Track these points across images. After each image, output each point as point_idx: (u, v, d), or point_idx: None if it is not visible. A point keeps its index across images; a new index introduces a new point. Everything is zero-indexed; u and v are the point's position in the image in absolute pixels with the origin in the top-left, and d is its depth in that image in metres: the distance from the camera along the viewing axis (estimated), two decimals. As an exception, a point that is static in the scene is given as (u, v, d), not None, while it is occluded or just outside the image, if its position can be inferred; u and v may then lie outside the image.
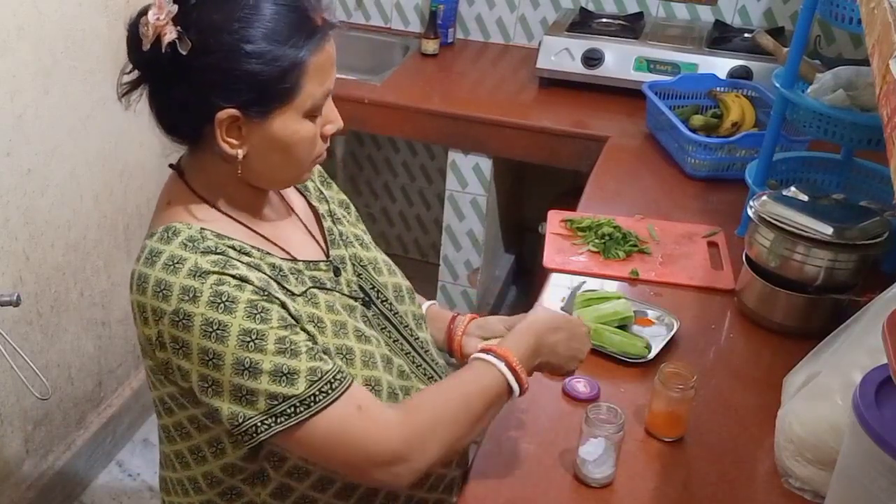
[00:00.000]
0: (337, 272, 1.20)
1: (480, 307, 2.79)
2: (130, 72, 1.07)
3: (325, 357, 1.06)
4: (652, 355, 1.48)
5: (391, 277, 1.31)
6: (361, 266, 1.25)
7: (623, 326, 1.54)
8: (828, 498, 0.97)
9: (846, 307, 1.50)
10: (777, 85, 1.74)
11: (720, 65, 2.45)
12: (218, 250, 1.04)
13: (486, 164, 2.55)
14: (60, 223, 2.14)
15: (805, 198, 1.58)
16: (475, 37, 2.98)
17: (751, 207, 1.61)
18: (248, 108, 1.02)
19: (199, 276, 1.01)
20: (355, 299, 1.20)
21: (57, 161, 2.08)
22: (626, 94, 2.50)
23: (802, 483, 1.24)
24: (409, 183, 3.27)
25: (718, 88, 2.35)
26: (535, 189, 3.06)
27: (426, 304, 1.43)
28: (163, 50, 0.99)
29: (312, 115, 1.07)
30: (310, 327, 1.08)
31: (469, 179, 2.59)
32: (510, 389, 1.13)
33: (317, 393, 1.02)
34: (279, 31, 1.02)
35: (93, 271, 2.30)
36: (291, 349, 1.02)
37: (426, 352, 1.30)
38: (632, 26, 2.65)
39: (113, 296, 2.41)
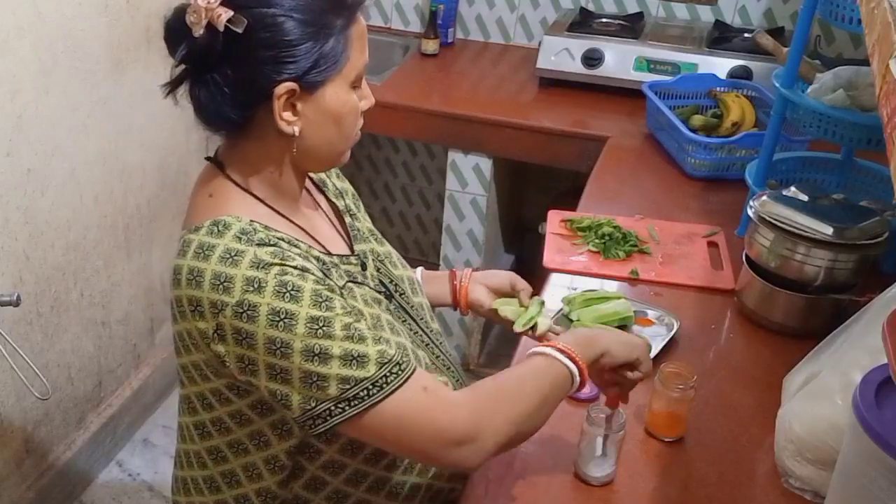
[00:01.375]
0: (364, 266, 1.21)
1: (480, 307, 2.79)
2: (177, 66, 1.06)
3: (390, 342, 1.08)
4: (652, 355, 1.48)
5: (405, 271, 1.33)
6: (379, 261, 1.27)
7: (623, 326, 1.54)
8: (828, 498, 0.97)
9: (846, 307, 1.50)
10: (777, 85, 1.74)
11: (720, 65, 2.45)
12: (272, 242, 1.05)
13: (486, 164, 2.55)
14: (60, 223, 2.14)
15: (805, 198, 1.58)
16: (475, 37, 2.98)
17: (751, 207, 1.61)
18: (304, 78, 1.03)
19: (262, 267, 1.01)
20: (379, 293, 1.22)
21: (57, 161, 2.08)
22: (626, 94, 2.51)
23: (802, 483, 1.24)
24: (409, 183, 3.27)
25: (718, 88, 2.35)
26: (535, 189, 3.06)
27: (417, 271, 1.45)
28: (220, 30, 0.99)
29: (356, 86, 1.10)
30: None
31: (469, 179, 2.59)
32: (571, 376, 1.15)
33: (387, 374, 1.02)
34: (323, 0, 1.04)
35: (93, 271, 2.30)
36: (358, 335, 1.03)
37: (440, 343, 1.33)
38: (632, 26, 2.65)
39: (113, 296, 2.41)
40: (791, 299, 1.57)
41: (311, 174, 1.25)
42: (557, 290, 1.68)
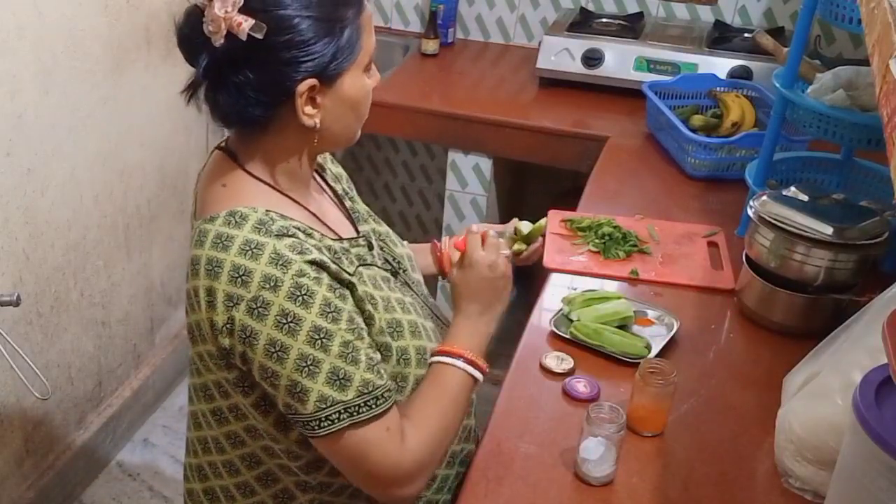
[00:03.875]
0: (370, 246, 1.23)
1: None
2: (200, 76, 1.06)
3: (381, 372, 1.08)
4: (652, 355, 1.48)
5: (404, 249, 1.36)
6: (381, 240, 1.29)
7: (623, 326, 1.54)
8: (828, 498, 0.97)
9: (846, 307, 1.50)
10: (777, 85, 1.74)
11: (720, 65, 2.45)
12: (290, 233, 1.06)
13: (486, 164, 2.55)
14: (60, 223, 2.14)
15: (805, 198, 1.58)
16: (475, 37, 2.98)
17: (751, 207, 1.61)
18: (323, 73, 1.06)
19: (281, 264, 1.02)
20: (386, 271, 1.24)
21: (57, 161, 2.08)
22: (626, 94, 2.50)
23: (802, 483, 1.24)
24: (409, 183, 3.27)
25: (718, 88, 2.35)
26: (535, 189, 3.06)
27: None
28: (243, 39, 1.00)
29: (367, 69, 1.13)
30: (369, 307, 1.11)
31: (469, 179, 2.59)
32: (475, 378, 1.21)
33: (361, 404, 1.04)
34: None
35: (93, 271, 2.30)
36: (352, 356, 1.04)
37: (440, 316, 1.37)
38: (632, 26, 2.65)
39: (113, 296, 2.41)
40: (791, 299, 1.57)
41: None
42: (557, 290, 1.68)
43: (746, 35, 2.55)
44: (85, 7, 2.07)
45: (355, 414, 1.04)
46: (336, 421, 1.03)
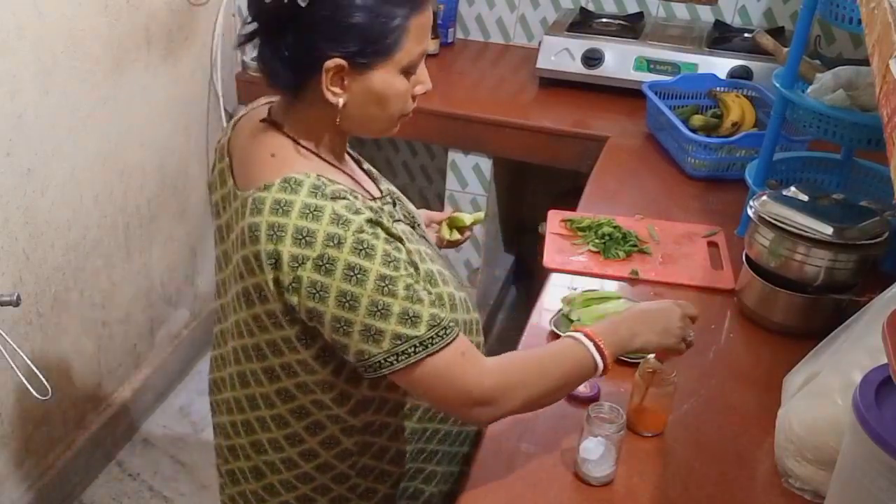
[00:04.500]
0: (395, 203, 1.30)
1: (480, 307, 2.79)
2: (250, 23, 1.15)
3: (444, 307, 1.18)
4: (652, 356, 1.48)
5: (412, 205, 1.42)
6: (397, 198, 1.35)
7: (623, 326, 1.54)
8: (828, 498, 0.97)
9: (846, 307, 1.50)
10: (777, 85, 1.74)
11: (720, 65, 2.45)
12: (342, 196, 1.13)
13: (486, 164, 2.55)
14: (60, 223, 2.14)
15: (805, 198, 1.58)
16: (475, 37, 2.98)
17: (751, 207, 1.61)
18: (353, 58, 1.11)
19: (342, 223, 1.09)
20: (407, 224, 1.30)
21: (57, 161, 2.08)
22: (626, 94, 2.50)
23: (802, 483, 1.24)
24: (409, 183, 3.27)
25: (718, 88, 2.35)
26: (535, 189, 3.06)
27: None
28: (285, 1, 1.07)
29: (408, 72, 1.16)
30: (416, 259, 1.19)
31: (469, 179, 2.59)
32: (595, 366, 1.22)
33: (434, 336, 1.12)
34: None
35: (93, 271, 2.30)
36: (417, 296, 1.12)
37: (451, 267, 1.42)
38: (632, 26, 2.65)
39: (113, 296, 2.41)
40: (791, 299, 1.57)
41: None
42: (557, 289, 1.68)
43: (746, 35, 2.55)
44: (85, 7, 2.07)
45: (430, 346, 1.11)
46: (413, 354, 1.11)
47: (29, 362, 1.92)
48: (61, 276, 2.18)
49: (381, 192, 1.30)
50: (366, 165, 1.35)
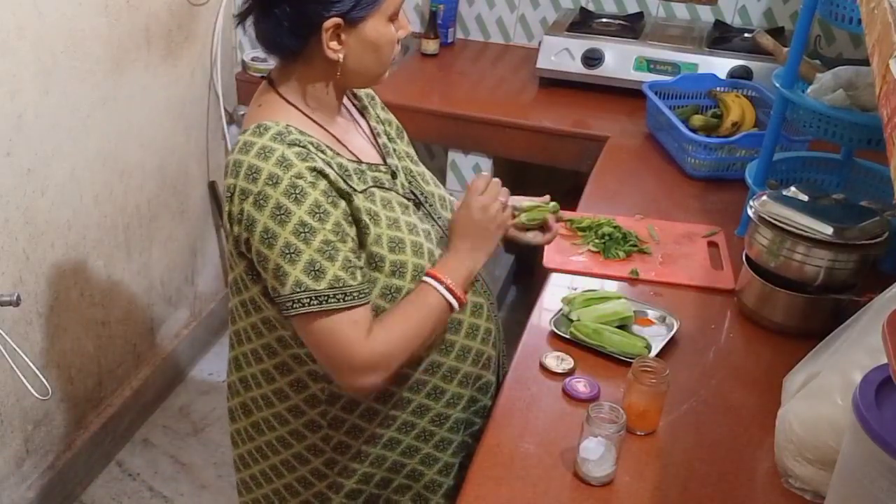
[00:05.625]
0: (394, 175, 1.37)
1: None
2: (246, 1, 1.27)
3: (356, 274, 1.21)
4: (652, 355, 1.48)
5: (436, 189, 1.49)
6: (412, 176, 1.43)
7: (623, 326, 1.54)
8: (828, 498, 0.97)
9: (846, 307, 1.50)
10: (777, 85, 1.74)
11: (720, 65, 2.45)
12: (301, 144, 1.21)
13: (486, 164, 2.55)
14: (60, 223, 2.14)
15: (805, 198, 1.58)
16: (475, 37, 2.98)
17: (751, 207, 1.61)
18: (347, 14, 1.21)
19: (284, 166, 1.18)
20: (408, 199, 1.37)
21: (57, 161, 2.08)
22: (626, 94, 2.51)
23: (802, 483, 1.24)
24: (409, 183, 3.26)
25: (718, 88, 2.35)
26: (535, 189, 3.05)
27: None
28: None
29: (392, 19, 1.26)
30: (366, 218, 1.24)
31: (469, 179, 2.58)
32: (451, 306, 1.30)
33: (331, 296, 1.18)
34: None
35: (93, 271, 2.30)
36: (330, 253, 1.18)
37: None
38: (632, 26, 2.65)
39: (113, 296, 2.41)
40: (791, 299, 1.57)
41: (357, 102, 1.44)
42: (557, 289, 1.69)
43: (746, 35, 2.55)
44: (85, 7, 2.07)
45: (324, 303, 1.18)
46: (307, 304, 1.18)
47: (29, 362, 1.92)
48: (61, 276, 2.18)
49: (386, 164, 1.37)
50: (383, 140, 1.42)
